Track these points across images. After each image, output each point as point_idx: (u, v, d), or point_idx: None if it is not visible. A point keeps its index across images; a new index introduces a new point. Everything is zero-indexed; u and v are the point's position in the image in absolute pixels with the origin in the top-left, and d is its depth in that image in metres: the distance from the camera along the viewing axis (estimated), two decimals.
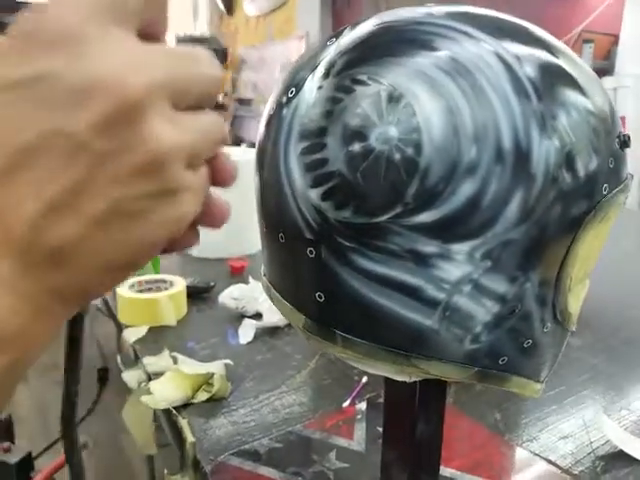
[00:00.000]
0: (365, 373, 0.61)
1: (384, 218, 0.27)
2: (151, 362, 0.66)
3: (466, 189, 0.26)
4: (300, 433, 0.52)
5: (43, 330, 0.18)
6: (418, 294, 0.28)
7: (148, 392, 0.58)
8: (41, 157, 0.16)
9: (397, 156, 0.26)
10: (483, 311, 0.29)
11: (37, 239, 0.17)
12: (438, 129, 0.26)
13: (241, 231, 1.06)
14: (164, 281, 0.84)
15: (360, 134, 0.27)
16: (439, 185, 0.26)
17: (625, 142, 0.31)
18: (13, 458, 1.00)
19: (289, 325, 0.74)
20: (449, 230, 0.27)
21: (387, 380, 0.42)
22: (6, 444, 1.02)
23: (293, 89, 0.30)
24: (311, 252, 0.29)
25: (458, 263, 0.28)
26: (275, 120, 0.31)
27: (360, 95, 0.27)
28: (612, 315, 0.83)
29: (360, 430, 0.53)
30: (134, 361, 0.70)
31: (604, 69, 2.83)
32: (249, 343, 0.71)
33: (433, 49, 0.27)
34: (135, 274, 0.90)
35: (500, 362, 0.31)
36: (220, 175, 0.21)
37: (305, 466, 0.47)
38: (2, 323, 0.17)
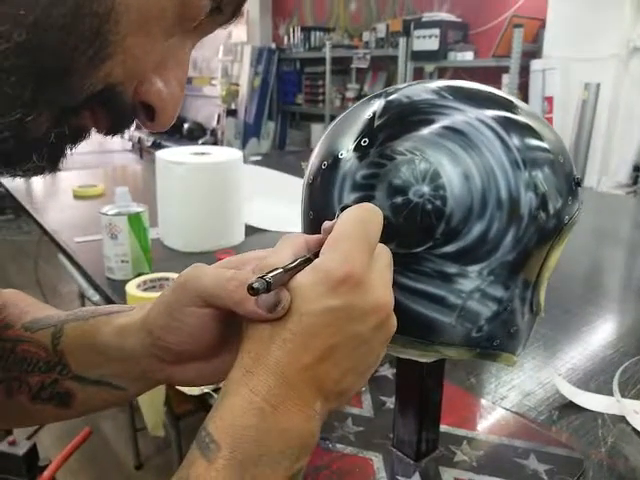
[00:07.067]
0: None
1: (420, 250, 0.38)
2: None
3: (477, 228, 0.37)
4: None
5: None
6: (443, 301, 0.39)
7: None
8: (342, 349, 0.29)
9: (429, 206, 0.37)
10: (486, 310, 0.40)
11: (334, 389, 0.30)
12: (457, 187, 0.37)
13: (227, 225, 1.15)
14: (166, 278, 0.91)
15: (402, 190, 0.37)
16: (459, 226, 0.37)
17: (578, 183, 0.43)
18: (20, 450, 1.06)
19: None
20: (466, 257, 0.38)
21: (399, 360, 0.53)
22: (11, 438, 1.08)
23: (343, 151, 0.40)
24: None
25: (471, 279, 0.39)
26: (329, 172, 0.40)
27: (400, 162, 0.38)
28: (554, 289, 0.98)
29: (367, 400, 0.64)
30: None
31: (533, 52, 3.03)
32: None
33: (447, 126, 0.38)
34: (137, 274, 0.96)
35: (494, 344, 0.43)
36: None
37: (330, 432, 0.58)
38: (315, 438, 0.29)
